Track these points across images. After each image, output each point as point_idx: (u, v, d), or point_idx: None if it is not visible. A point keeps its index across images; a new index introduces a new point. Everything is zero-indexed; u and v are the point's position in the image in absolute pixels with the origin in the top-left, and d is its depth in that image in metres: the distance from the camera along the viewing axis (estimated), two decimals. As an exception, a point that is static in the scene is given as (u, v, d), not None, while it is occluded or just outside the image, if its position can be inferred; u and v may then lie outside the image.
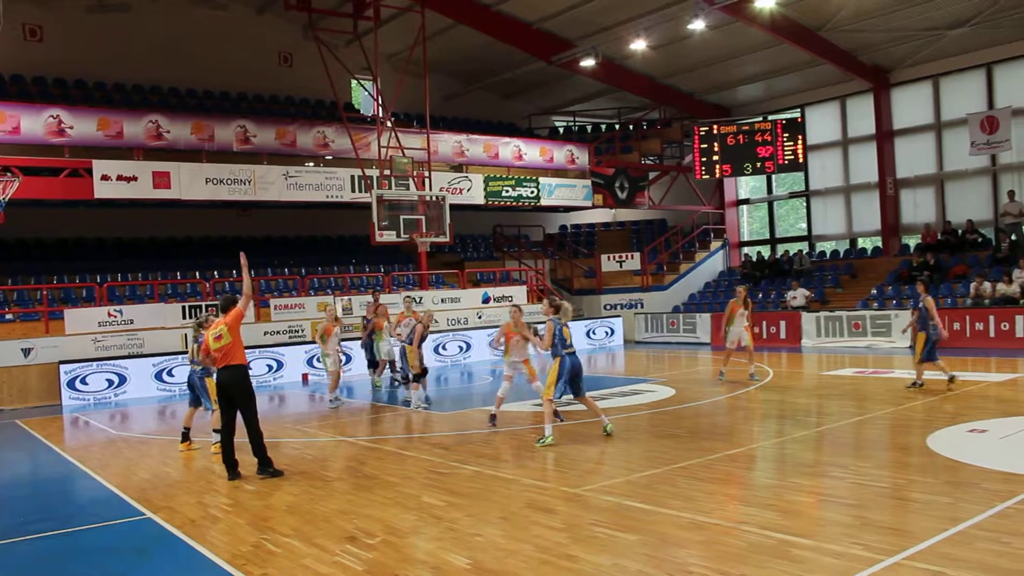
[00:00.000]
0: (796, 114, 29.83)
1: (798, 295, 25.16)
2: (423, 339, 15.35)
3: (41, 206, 21.65)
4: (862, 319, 23.04)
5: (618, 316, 28.87)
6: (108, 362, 19.31)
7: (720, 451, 9.93)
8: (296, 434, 13.14)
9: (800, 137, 29.21)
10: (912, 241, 27.91)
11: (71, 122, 20.97)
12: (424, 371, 15.25)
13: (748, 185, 33.72)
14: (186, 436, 12.14)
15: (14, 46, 23.41)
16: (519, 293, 27.02)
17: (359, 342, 19.85)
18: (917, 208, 27.96)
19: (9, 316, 20.12)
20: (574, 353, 11.01)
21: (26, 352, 18.81)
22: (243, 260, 10.32)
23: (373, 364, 18.94)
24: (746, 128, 29.86)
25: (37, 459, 12.50)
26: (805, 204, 31.42)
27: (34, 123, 20.53)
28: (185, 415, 12.42)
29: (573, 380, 10.94)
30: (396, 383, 18.11)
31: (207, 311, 18.35)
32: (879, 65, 27.54)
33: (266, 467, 9.83)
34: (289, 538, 7.22)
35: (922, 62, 26.78)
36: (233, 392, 9.75)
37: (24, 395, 18.68)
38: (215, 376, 10.48)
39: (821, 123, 30.36)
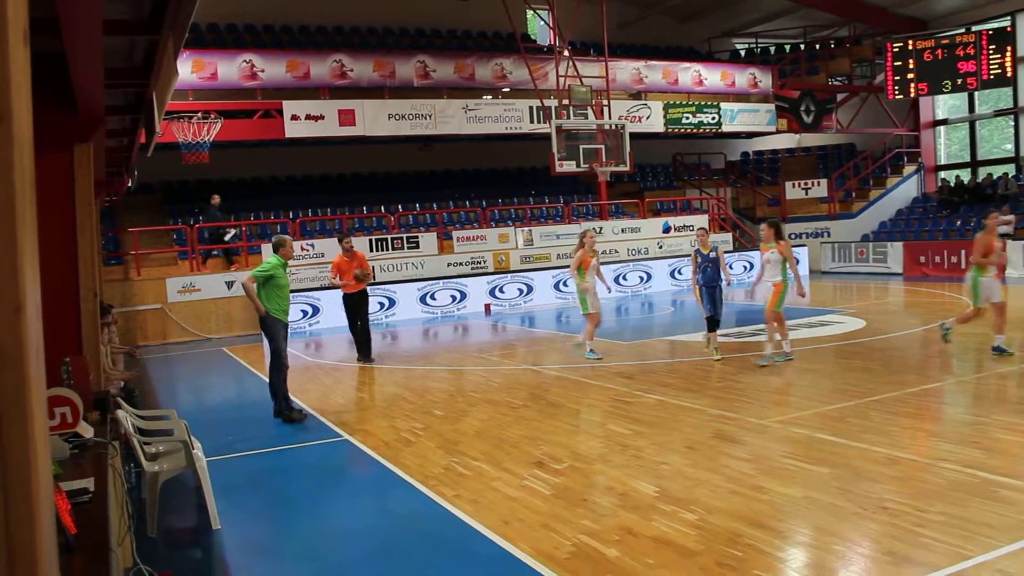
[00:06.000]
0: (1005, 23, 27.39)
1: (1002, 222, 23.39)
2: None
3: (238, 147, 22.82)
4: (1076, 246, 21.26)
5: (803, 245, 27.83)
6: (302, 294, 20.30)
7: (915, 385, 9.49)
8: (480, 362, 13.49)
9: (1009, 48, 26.81)
10: None
11: (262, 65, 21.90)
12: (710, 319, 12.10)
13: (947, 104, 31.44)
14: None
15: (210, -4, 24.59)
16: (700, 222, 26.46)
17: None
18: None
19: (215, 252, 21.49)
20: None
21: (229, 285, 20.05)
22: None
23: None
24: (945, 42, 27.75)
25: (243, 384, 13.42)
26: (1013, 123, 29.00)
27: (229, 68, 21.56)
28: None
29: None
30: None
31: None
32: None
33: None
34: (479, 462, 7.46)
35: None
36: None
37: (229, 325, 19.99)
38: None
39: (1034, 32, 27.80)
